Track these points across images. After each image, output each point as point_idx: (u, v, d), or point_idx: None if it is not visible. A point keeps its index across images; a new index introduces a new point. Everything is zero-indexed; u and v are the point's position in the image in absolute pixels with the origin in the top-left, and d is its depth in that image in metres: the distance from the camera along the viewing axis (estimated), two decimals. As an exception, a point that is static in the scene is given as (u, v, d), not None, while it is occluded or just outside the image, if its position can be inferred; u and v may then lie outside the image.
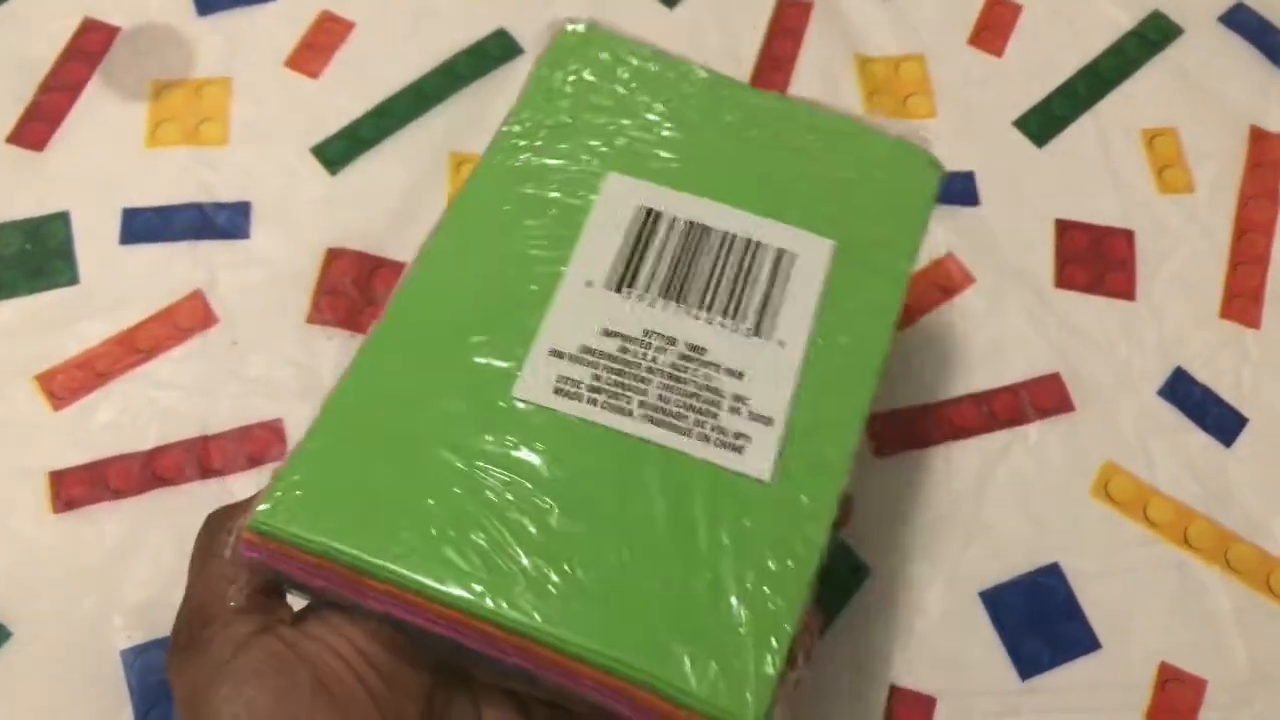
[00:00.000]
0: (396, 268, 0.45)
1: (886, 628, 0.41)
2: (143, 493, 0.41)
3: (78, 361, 0.43)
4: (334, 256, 0.45)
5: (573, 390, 0.29)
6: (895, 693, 0.40)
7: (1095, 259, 0.47)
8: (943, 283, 0.46)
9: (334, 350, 0.44)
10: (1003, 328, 0.46)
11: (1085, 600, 0.41)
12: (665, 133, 0.34)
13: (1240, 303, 0.47)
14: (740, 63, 0.51)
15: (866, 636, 0.41)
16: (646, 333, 0.31)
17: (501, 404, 0.29)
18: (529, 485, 0.28)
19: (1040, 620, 0.41)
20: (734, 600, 0.27)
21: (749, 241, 0.32)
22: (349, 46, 0.50)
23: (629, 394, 0.30)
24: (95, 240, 0.45)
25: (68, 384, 0.43)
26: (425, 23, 0.51)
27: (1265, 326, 0.46)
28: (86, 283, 0.45)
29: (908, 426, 0.44)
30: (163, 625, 0.39)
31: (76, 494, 0.41)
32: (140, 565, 0.40)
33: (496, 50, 0.50)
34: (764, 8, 0.52)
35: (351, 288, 0.45)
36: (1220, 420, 0.45)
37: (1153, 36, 0.52)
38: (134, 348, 0.43)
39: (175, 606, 0.39)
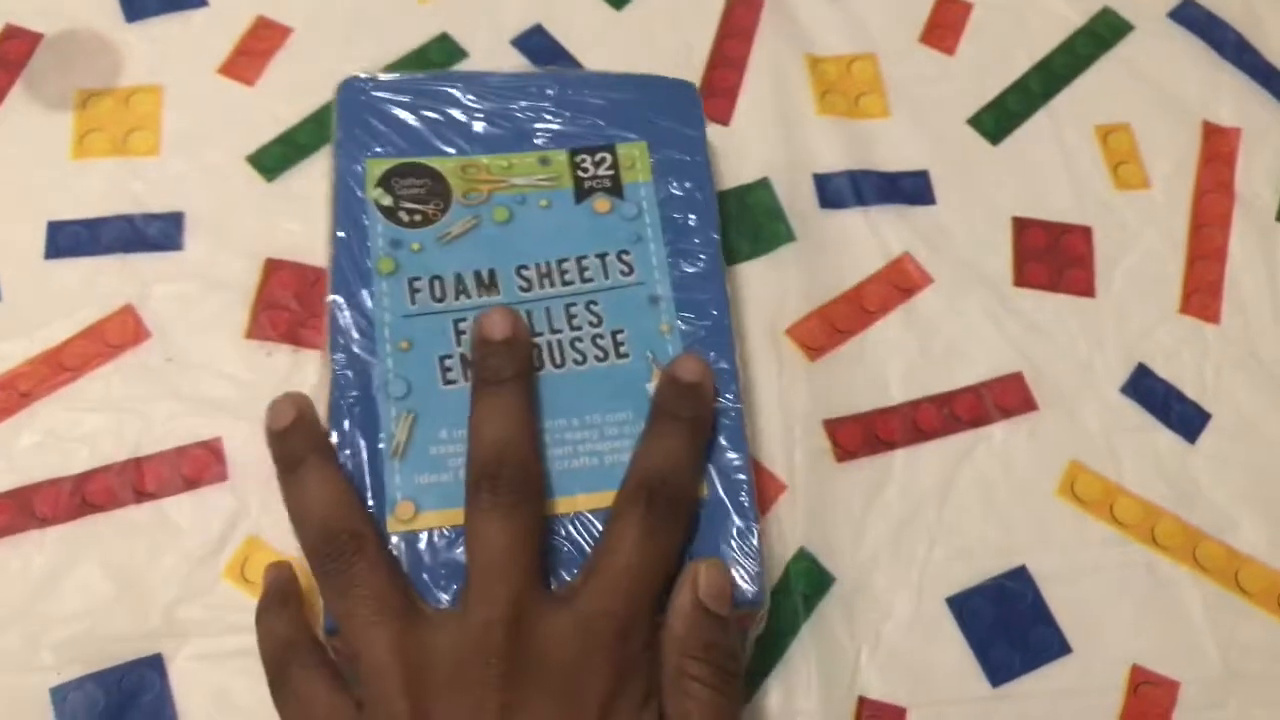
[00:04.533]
0: (338, 278, 0.44)
1: (852, 638, 0.40)
2: (72, 520, 0.39)
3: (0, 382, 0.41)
4: (273, 268, 0.44)
5: None
6: (864, 704, 0.39)
7: (1054, 256, 0.47)
8: (900, 283, 0.45)
9: (275, 366, 0.42)
10: (963, 327, 0.45)
11: (1054, 603, 0.40)
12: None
13: (1199, 298, 0.46)
14: (692, 63, 0.49)
15: (832, 647, 0.39)
16: None
17: None
18: None
19: (1009, 625, 0.40)
20: None
21: None
22: (285, 52, 0.48)
23: None
24: (18, 255, 0.43)
25: (-11, 406, 0.40)
26: (365, 27, 0.49)
27: (1224, 321, 0.46)
28: (9, 299, 0.42)
29: (868, 430, 0.43)
30: (95, 660, 0.37)
31: (0, 523, 0.39)
32: (70, 597, 0.38)
33: (439, 56, 0.49)
34: (713, 8, 0.51)
35: (292, 300, 0.43)
36: (1183, 417, 0.44)
37: (1103, 33, 0.52)
38: (60, 366, 0.41)
39: (109, 639, 0.37)
